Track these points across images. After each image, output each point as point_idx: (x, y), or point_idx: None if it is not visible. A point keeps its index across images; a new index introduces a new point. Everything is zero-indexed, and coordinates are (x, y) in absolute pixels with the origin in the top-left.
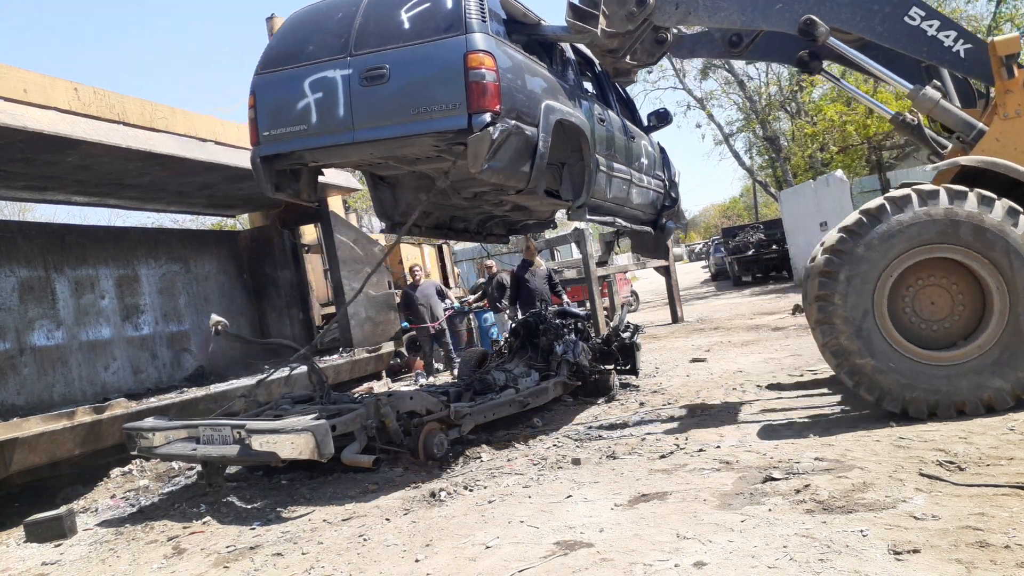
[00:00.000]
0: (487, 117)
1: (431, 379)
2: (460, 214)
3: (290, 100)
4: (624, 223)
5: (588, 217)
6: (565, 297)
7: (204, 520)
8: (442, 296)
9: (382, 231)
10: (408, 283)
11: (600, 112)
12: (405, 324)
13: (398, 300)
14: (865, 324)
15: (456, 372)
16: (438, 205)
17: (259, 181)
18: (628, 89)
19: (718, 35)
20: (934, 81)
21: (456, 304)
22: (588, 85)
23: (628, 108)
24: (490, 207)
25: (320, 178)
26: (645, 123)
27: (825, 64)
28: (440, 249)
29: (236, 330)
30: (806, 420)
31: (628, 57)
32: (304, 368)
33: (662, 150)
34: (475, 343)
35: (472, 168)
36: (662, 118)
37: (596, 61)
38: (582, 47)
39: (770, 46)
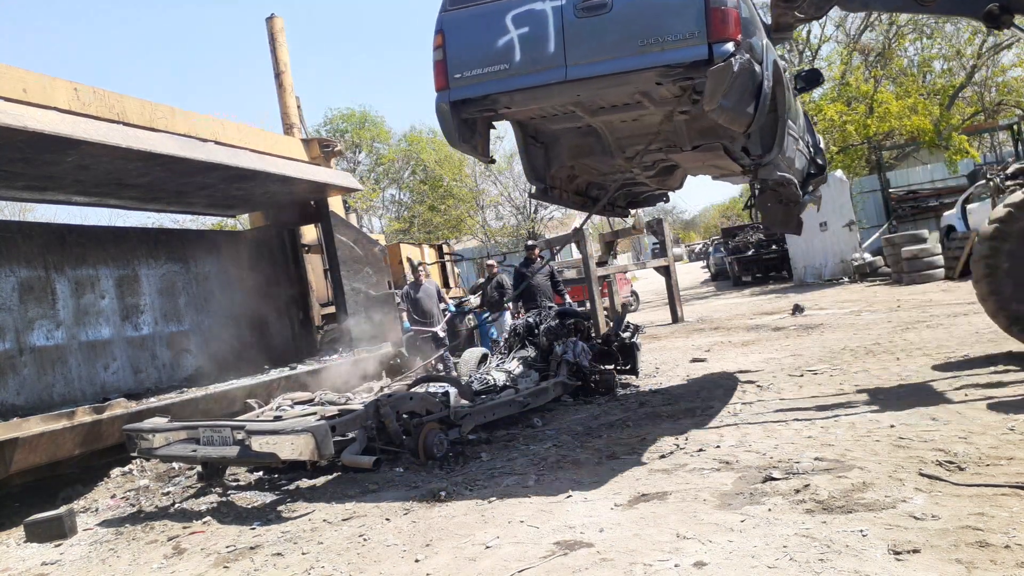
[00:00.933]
0: (729, 47)
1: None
2: (599, 180)
3: (488, 38)
4: (798, 188)
5: (777, 174)
6: (567, 296)
7: (204, 520)
8: (440, 298)
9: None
10: (410, 283)
11: (781, 63)
12: (407, 325)
13: (399, 300)
14: None
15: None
16: (586, 168)
17: (446, 129)
18: None
19: None
20: None
21: (452, 308)
22: None
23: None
24: (640, 170)
25: (323, 178)
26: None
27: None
28: (440, 249)
29: (237, 331)
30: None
31: (796, 10)
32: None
33: (805, 114)
34: (475, 343)
35: (707, 105)
36: (812, 80)
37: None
38: None
39: None
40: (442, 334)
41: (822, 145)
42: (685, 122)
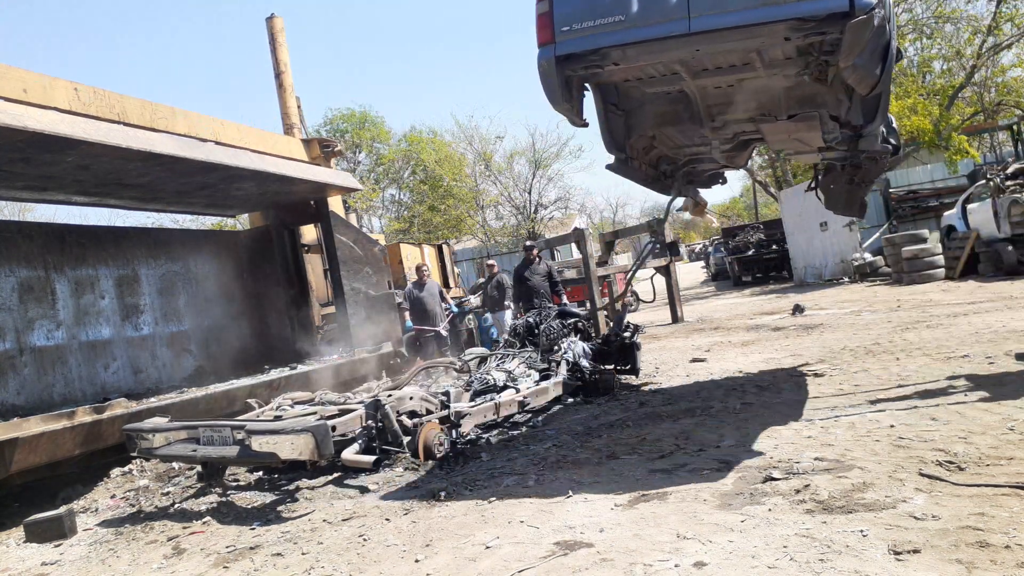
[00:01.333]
0: None
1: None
2: (671, 154)
3: None
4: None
5: (879, 145)
6: (564, 297)
7: (204, 520)
8: (442, 298)
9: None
10: (413, 282)
11: None
12: (410, 324)
13: (399, 300)
14: None
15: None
16: (666, 139)
17: (548, 87)
18: None
19: None
20: None
21: (454, 308)
22: None
23: None
24: (719, 142)
25: (323, 178)
26: None
27: None
28: (440, 249)
29: (237, 331)
30: None
31: None
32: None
33: None
34: (475, 343)
35: (843, 61)
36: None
37: None
38: None
39: None
40: (445, 333)
41: (894, 125)
42: (784, 89)
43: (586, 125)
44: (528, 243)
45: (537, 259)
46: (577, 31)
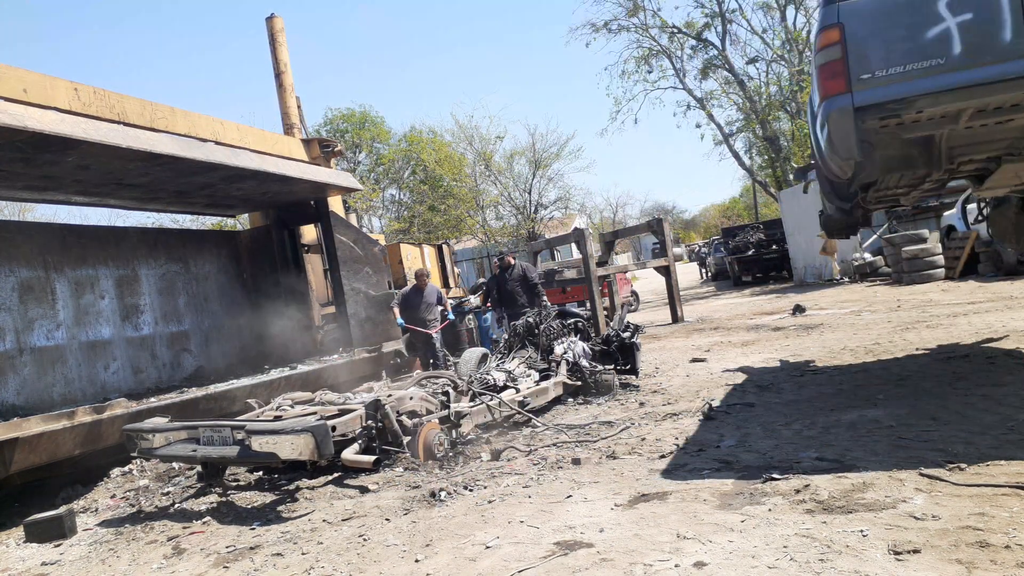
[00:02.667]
0: None
1: None
2: (872, 196)
3: (910, 28)
4: None
5: None
6: (545, 299)
7: (204, 520)
8: (440, 302)
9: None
10: (412, 286)
11: None
12: (401, 321)
13: (398, 300)
14: None
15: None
16: (888, 182)
17: (843, 140)
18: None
19: None
20: None
21: (451, 314)
22: None
23: None
24: (931, 184)
25: (323, 178)
26: None
27: None
28: (440, 249)
29: (237, 331)
30: None
31: None
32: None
33: None
34: (475, 343)
35: None
36: None
37: None
38: None
39: None
40: (436, 336)
41: None
42: None
43: (873, 181)
44: (501, 251)
45: (511, 265)
46: (881, 79)
